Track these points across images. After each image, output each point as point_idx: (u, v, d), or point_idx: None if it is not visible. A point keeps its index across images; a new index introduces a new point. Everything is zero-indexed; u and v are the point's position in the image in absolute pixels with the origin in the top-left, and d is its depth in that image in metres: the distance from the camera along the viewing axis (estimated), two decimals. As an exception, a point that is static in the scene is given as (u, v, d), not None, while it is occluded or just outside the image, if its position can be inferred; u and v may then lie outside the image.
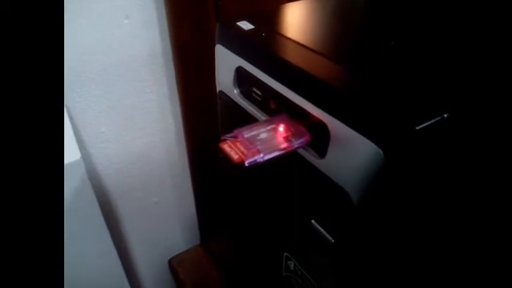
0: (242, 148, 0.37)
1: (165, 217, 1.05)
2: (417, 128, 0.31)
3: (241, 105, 0.49)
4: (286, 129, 0.39)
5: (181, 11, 0.74)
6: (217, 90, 0.53)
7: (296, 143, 0.38)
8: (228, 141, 0.37)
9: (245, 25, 0.47)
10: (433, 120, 0.31)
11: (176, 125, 0.92)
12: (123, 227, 1.00)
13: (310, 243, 0.44)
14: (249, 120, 0.47)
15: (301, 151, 0.40)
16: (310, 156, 0.39)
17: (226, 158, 0.36)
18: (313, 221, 0.42)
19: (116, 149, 0.87)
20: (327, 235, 0.41)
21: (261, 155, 0.36)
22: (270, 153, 0.36)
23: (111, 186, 0.91)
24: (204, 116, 0.87)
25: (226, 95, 0.51)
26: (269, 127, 0.39)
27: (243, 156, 0.36)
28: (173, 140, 0.94)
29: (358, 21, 0.52)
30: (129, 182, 0.94)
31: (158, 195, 1.01)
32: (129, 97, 0.82)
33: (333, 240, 0.41)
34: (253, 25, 0.47)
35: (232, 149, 0.37)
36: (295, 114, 0.40)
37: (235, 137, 0.38)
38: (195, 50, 0.79)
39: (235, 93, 0.49)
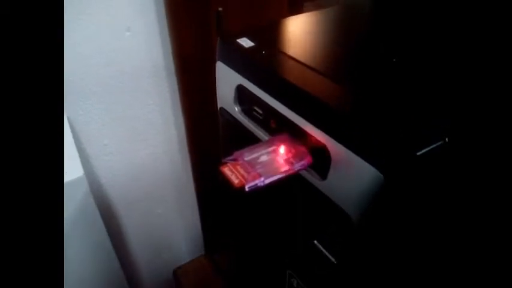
0: (242, 171, 0.36)
1: (169, 228, 1.05)
2: (418, 153, 0.30)
3: (243, 122, 0.48)
4: (287, 151, 0.38)
5: (182, 24, 0.74)
6: (219, 106, 0.53)
7: (297, 166, 0.37)
8: (228, 164, 0.37)
9: (245, 42, 0.47)
10: (434, 145, 0.31)
11: (179, 136, 0.92)
12: (127, 238, 1.00)
13: (313, 262, 0.44)
14: (250, 137, 0.47)
15: (302, 172, 0.39)
16: (311, 177, 0.39)
17: (227, 182, 0.36)
18: (315, 241, 0.42)
19: (120, 161, 0.87)
20: (329, 256, 0.41)
21: (262, 178, 0.35)
22: (271, 176, 0.36)
23: (114, 197, 0.91)
24: (207, 127, 0.87)
25: (227, 111, 0.51)
26: (270, 149, 0.38)
27: (243, 181, 0.35)
28: (176, 151, 0.94)
29: (361, 36, 0.51)
30: (133, 193, 0.94)
31: (162, 207, 1.01)
32: (132, 109, 0.82)
33: (335, 261, 0.40)
34: (254, 42, 0.47)
35: (233, 172, 0.36)
36: (296, 135, 0.40)
37: (235, 159, 0.37)
38: (197, 62, 0.78)
39: (236, 111, 0.49)
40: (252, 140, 0.47)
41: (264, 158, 0.37)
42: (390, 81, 0.40)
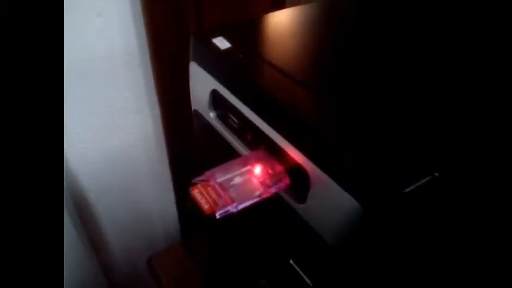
0: (214, 195, 0.33)
1: (145, 216, 1.03)
2: (405, 190, 0.28)
3: (217, 129, 0.45)
4: (263, 172, 0.35)
5: (157, 8, 0.69)
6: (192, 108, 0.49)
7: (273, 189, 0.34)
8: (199, 186, 0.34)
9: (221, 43, 0.43)
10: (423, 181, 0.28)
11: (155, 123, 0.88)
12: (101, 227, 0.97)
13: (287, 280, 0.42)
14: (224, 146, 0.44)
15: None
16: (289, 198, 0.36)
17: (197, 206, 0.33)
18: (291, 261, 0.40)
19: (93, 149, 0.83)
20: (305, 277, 0.39)
21: (234, 204, 0.33)
22: (244, 202, 0.33)
23: (89, 185, 0.88)
24: (183, 114, 0.84)
25: (201, 116, 0.47)
26: (244, 169, 0.35)
27: (214, 206, 0.32)
28: (152, 138, 0.91)
29: (348, 36, 0.48)
30: (107, 181, 0.91)
31: (137, 194, 0.98)
32: (105, 96, 0.78)
33: (310, 284, 0.38)
34: (231, 43, 0.43)
35: (203, 196, 0.33)
36: (273, 151, 0.37)
37: (206, 180, 0.34)
38: (172, 47, 0.74)
39: (211, 116, 0.46)
40: (226, 149, 0.44)
41: (237, 180, 0.34)
42: (379, 96, 0.37)
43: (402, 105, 0.36)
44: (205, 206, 0.33)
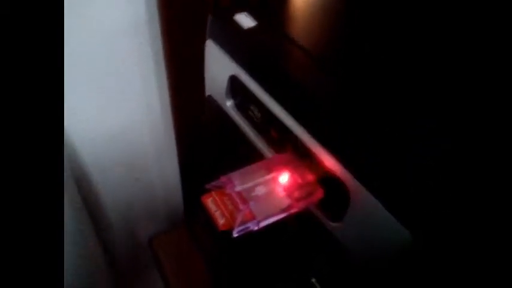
0: (231, 207, 0.28)
1: (147, 195, 0.99)
2: (467, 213, 0.22)
3: (235, 120, 0.39)
4: (291, 181, 0.29)
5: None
6: (206, 93, 0.43)
7: (303, 203, 0.29)
8: (213, 193, 0.28)
9: (245, 20, 0.36)
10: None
11: (162, 99, 0.83)
12: (103, 204, 0.93)
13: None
14: (242, 141, 0.38)
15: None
16: (319, 213, 0.31)
17: (209, 218, 0.27)
18: (313, 279, 0.34)
19: (96, 123, 0.78)
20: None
21: (256, 221, 0.27)
22: (268, 218, 0.27)
23: (91, 160, 0.84)
24: (194, 91, 0.78)
25: (216, 103, 0.41)
26: (268, 176, 0.29)
27: (231, 221, 0.27)
28: (159, 115, 0.86)
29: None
30: (110, 156, 0.86)
31: (140, 172, 0.94)
32: (110, 68, 0.72)
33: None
34: (256, 20, 0.36)
35: (218, 207, 0.28)
36: (304, 155, 0.31)
37: (222, 187, 0.29)
38: (186, 22, 0.67)
39: (227, 106, 0.39)
40: (244, 145, 0.38)
41: (260, 190, 0.28)
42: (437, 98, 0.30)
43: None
44: (221, 221, 0.27)
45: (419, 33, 0.37)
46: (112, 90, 0.74)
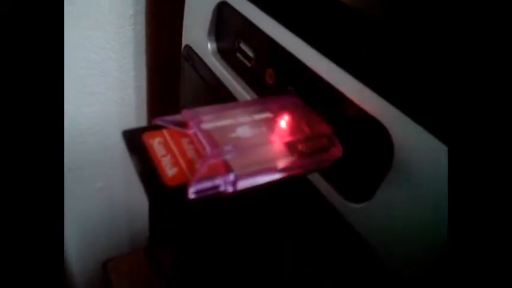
0: (191, 153, 0.16)
1: (108, 208, 0.87)
2: None
3: (216, 71, 0.28)
4: (295, 126, 0.18)
5: None
6: (183, 44, 0.32)
7: (312, 159, 0.17)
8: (164, 131, 0.17)
9: None
10: None
11: (138, 96, 0.73)
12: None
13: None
14: (225, 97, 0.27)
15: (316, 177, 0.19)
16: (332, 192, 0.19)
17: (150, 168, 0.15)
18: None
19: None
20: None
21: (231, 175, 0.15)
22: (252, 175, 0.16)
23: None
24: (176, 88, 0.69)
25: (194, 52, 0.30)
26: (259, 116, 0.18)
27: (187, 174, 0.15)
28: (132, 115, 0.75)
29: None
30: (71, 158, 0.74)
31: (104, 180, 0.82)
32: (80, 50, 0.62)
33: None
34: None
35: (170, 151, 0.16)
36: (317, 102, 0.20)
37: (182, 124, 0.17)
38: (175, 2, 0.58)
39: (208, 50, 0.28)
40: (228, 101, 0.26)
41: (243, 131, 0.17)
42: None
43: None
44: (169, 172, 0.15)
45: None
46: (81, 73, 0.64)
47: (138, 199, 0.88)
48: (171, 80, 0.66)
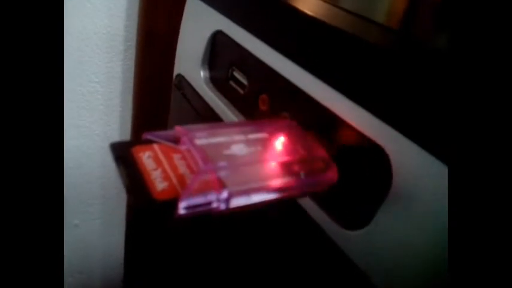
0: (183, 168, 0.15)
1: (83, 246, 0.83)
2: None
3: (208, 100, 0.28)
4: (291, 147, 0.17)
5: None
6: (175, 73, 0.32)
7: (307, 182, 0.16)
8: (154, 146, 0.16)
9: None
10: None
11: (122, 132, 0.72)
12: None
13: None
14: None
15: (310, 204, 0.19)
16: (326, 219, 0.18)
17: (137, 181, 0.15)
18: None
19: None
20: None
21: (225, 191, 0.14)
22: (246, 193, 0.15)
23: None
24: (162, 128, 0.67)
25: (186, 81, 0.30)
26: (254, 136, 0.17)
27: (178, 188, 0.14)
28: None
29: None
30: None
31: (80, 217, 0.80)
32: (68, 82, 0.61)
33: None
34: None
35: (160, 165, 0.15)
36: (312, 125, 0.19)
37: (175, 139, 0.16)
38: (166, 42, 0.58)
39: (201, 78, 0.28)
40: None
41: (238, 149, 0.16)
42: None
43: None
44: (159, 186, 0.14)
45: None
46: (66, 105, 0.64)
47: (113, 240, 0.85)
48: (157, 118, 0.65)
